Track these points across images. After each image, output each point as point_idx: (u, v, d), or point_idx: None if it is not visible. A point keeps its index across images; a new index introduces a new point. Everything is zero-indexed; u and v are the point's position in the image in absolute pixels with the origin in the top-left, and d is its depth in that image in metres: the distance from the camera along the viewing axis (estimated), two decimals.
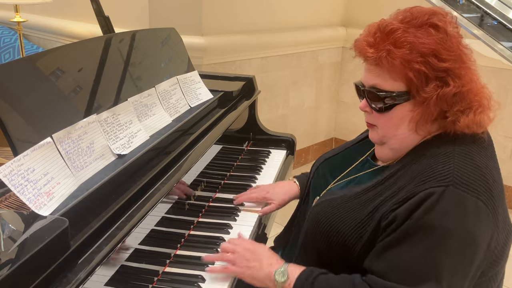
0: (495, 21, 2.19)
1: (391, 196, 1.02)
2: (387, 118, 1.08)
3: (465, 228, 0.95)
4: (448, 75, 1.01)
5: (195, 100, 1.70)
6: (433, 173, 0.99)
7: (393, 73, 1.03)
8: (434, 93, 1.01)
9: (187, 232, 1.39)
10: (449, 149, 1.03)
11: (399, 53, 1.01)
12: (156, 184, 1.19)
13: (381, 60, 1.03)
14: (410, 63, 1.00)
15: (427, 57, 1.00)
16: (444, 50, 1.01)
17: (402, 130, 1.08)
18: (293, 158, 2.04)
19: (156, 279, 1.18)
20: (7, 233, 0.89)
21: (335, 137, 4.08)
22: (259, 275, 1.13)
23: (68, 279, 0.84)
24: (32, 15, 3.33)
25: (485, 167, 1.02)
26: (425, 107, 1.03)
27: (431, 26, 1.03)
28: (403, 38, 1.01)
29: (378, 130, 1.12)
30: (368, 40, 1.06)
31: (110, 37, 1.53)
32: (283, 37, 3.27)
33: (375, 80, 1.07)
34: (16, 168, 0.93)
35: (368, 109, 1.11)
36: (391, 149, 1.12)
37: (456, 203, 0.95)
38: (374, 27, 1.07)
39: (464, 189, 0.96)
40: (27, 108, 1.08)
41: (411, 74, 1.01)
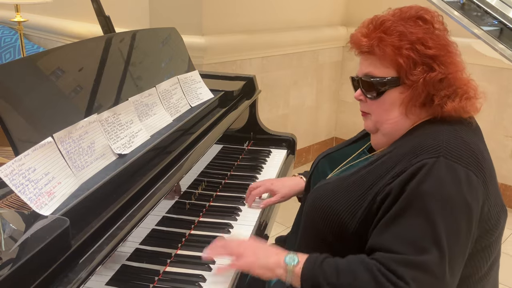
0: (495, 21, 2.18)
1: (385, 173, 1.07)
2: (379, 104, 1.16)
3: (459, 194, 0.99)
4: (434, 61, 1.09)
5: (196, 100, 1.70)
6: (424, 147, 1.05)
7: (384, 60, 1.12)
8: (421, 76, 1.09)
9: (188, 232, 1.39)
10: (439, 129, 1.10)
11: (389, 40, 1.10)
12: (157, 184, 1.19)
13: (373, 47, 1.12)
14: (400, 49, 1.09)
15: (415, 44, 1.09)
16: (430, 40, 1.10)
17: (394, 114, 1.14)
18: (293, 158, 2.04)
19: (157, 278, 1.18)
20: (8, 232, 0.89)
21: (336, 137, 4.08)
22: (268, 262, 1.10)
23: (69, 279, 0.84)
24: (32, 14, 3.33)
25: (473, 143, 1.08)
26: (414, 90, 1.10)
27: (419, 18, 1.13)
28: (393, 27, 1.12)
29: (371, 117, 1.19)
30: (362, 31, 1.17)
31: (111, 36, 1.53)
32: (283, 36, 3.27)
33: (368, 68, 1.16)
34: (17, 167, 0.93)
35: (362, 97, 1.19)
36: (384, 135, 1.19)
37: (448, 171, 1.00)
38: (368, 21, 1.18)
39: (454, 159, 1.02)
40: (28, 107, 1.08)
41: (400, 59, 1.09)
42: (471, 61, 1.17)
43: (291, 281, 1.09)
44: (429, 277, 0.96)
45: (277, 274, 1.10)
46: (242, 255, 1.13)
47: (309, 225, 1.19)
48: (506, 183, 3.26)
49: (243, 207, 1.53)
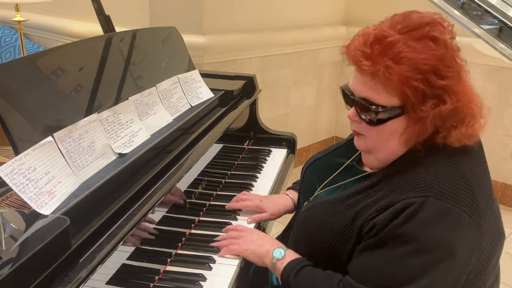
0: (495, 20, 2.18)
1: (372, 203, 1.02)
2: (377, 131, 1.04)
3: (442, 240, 0.93)
4: (446, 92, 0.98)
5: (196, 99, 1.70)
6: (415, 183, 0.98)
7: (388, 87, 0.99)
8: (431, 111, 0.98)
9: (188, 231, 1.39)
10: (434, 159, 1.01)
11: (398, 70, 0.96)
12: (157, 183, 1.19)
13: (377, 74, 0.98)
14: (409, 80, 0.96)
15: (427, 75, 0.96)
16: (443, 67, 0.98)
17: (392, 143, 1.05)
18: (294, 157, 2.04)
19: (157, 278, 1.18)
20: (8, 232, 0.90)
21: (336, 136, 4.08)
22: (260, 250, 1.20)
23: (69, 278, 0.84)
24: (32, 14, 3.33)
25: (471, 175, 1.00)
26: (421, 125, 0.99)
27: (431, 40, 0.98)
28: (403, 53, 0.96)
29: (366, 140, 1.08)
30: (365, 51, 0.99)
31: (111, 36, 1.53)
32: (283, 36, 3.27)
33: (368, 92, 1.02)
34: (17, 167, 0.93)
35: (357, 119, 1.07)
36: (378, 160, 1.10)
37: (435, 213, 0.94)
38: (372, 37, 1.00)
39: (445, 199, 0.95)
40: (28, 107, 1.08)
41: (408, 91, 0.97)
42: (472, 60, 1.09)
43: (275, 273, 1.17)
44: None
45: (265, 263, 1.19)
46: (238, 242, 1.25)
47: (301, 243, 1.17)
48: (506, 182, 3.26)
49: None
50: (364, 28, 1.06)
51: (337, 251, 1.07)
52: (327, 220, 1.09)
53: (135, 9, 3.00)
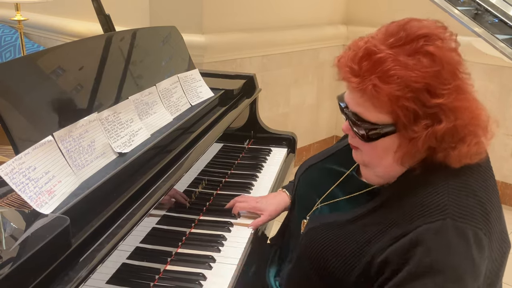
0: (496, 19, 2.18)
1: (384, 229, 0.95)
2: (371, 147, 0.99)
3: (469, 258, 0.87)
4: (441, 110, 0.91)
5: (196, 98, 1.70)
6: (428, 207, 0.91)
7: (378, 106, 0.93)
8: (423, 132, 0.91)
9: (188, 230, 1.39)
10: (442, 178, 0.95)
11: (386, 89, 0.90)
12: (157, 182, 1.19)
13: (365, 91, 0.92)
14: (399, 99, 0.90)
15: (419, 93, 0.89)
16: (438, 84, 0.90)
17: (387, 160, 0.99)
18: (294, 156, 2.04)
19: (157, 277, 1.18)
20: (8, 231, 0.90)
21: (336, 135, 4.08)
22: None
23: (70, 277, 0.84)
24: (32, 13, 3.33)
25: (481, 190, 0.95)
26: (412, 144, 0.93)
27: (425, 55, 0.90)
28: (392, 71, 0.89)
29: (362, 154, 1.04)
30: (353, 68, 0.94)
31: (111, 35, 1.53)
32: (284, 35, 3.27)
33: (358, 108, 0.97)
34: (17, 166, 0.93)
35: (351, 133, 1.02)
36: (377, 176, 1.04)
37: (456, 235, 0.88)
38: (361, 51, 0.94)
39: (462, 220, 0.89)
40: (28, 106, 1.08)
41: (399, 110, 0.91)
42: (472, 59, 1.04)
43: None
44: None
45: None
46: None
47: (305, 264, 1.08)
48: (507, 181, 3.26)
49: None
50: (356, 39, 1.00)
51: (341, 279, 0.99)
52: (331, 246, 1.02)
53: (135, 9, 3.00)
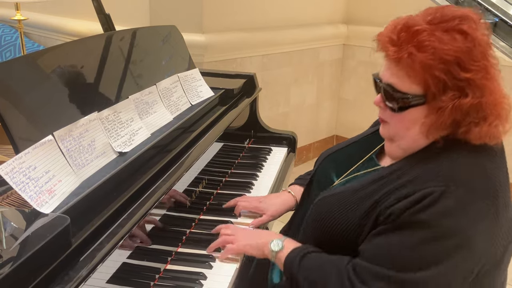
0: (496, 18, 2.18)
1: (390, 193, 1.02)
2: (399, 118, 1.06)
3: (462, 230, 0.94)
4: (469, 85, 0.98)
5: (196, 98, 1.70)
6: (436, 173, 0.98)
7: (411, 75, 1.00)
8: (450, 102, 0.98)
9: (189, 230, 1.39)
10: (456, 153, 1.02)
11: (421, 57, 0.97)
12: (158, 182, 1.19)
13: (401, 60, 1.00)
14: (431, 68, 0.97)
15: (450, 65, 0.96)
16: (468, 60, 0.97)
17: (413, 132, 1.05)
18: (294, 156, 2.04)
19: (157, 276, 1.18)
20: (9, 230, 0.90)
21: (336, 135, 4.08)
22: (258, 242, 1.21)
23: (70, 277, 0.84)
24: (32, 13, 3.32)
25: (492, 172, 1.01)
26: (439, 115, 1.00)
27: (459, 32, 0.98)
28: (427, 41, 0.97)
29: (389, 127, 1.10)
30: (391, 37, 1.02)
31: (111, 35, 1.53)
32: (284, 34, 3.26)
33: (392, 79, 1.04)
34: (17, 166, 0.93)
35: (382, 105, 1.09)
36: (400, 148, 1.10)
37: (455, 203, 0.94)
38: (400, 24, 1.02)
39: (467, 190, 0.95)
40: (28, 106, 1.08)
41: (430, 80, 0.98)
42: None
43: (277, 264, 1.18)
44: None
45: (265, 255, 1.20)
46: (235, 241, 1.25)
47: (312, 234, 1.17)
48: None
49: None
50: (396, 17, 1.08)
51: (351, 241, 1.06)
52: (342, 211, 1.08)
53: (135, 8, 3.00)
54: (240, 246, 1.24)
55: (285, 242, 1.17)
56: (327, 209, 1.13)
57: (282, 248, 1.15)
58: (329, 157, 1.35)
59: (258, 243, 1.21)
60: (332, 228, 1.10)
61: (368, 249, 1.02)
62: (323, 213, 1.13)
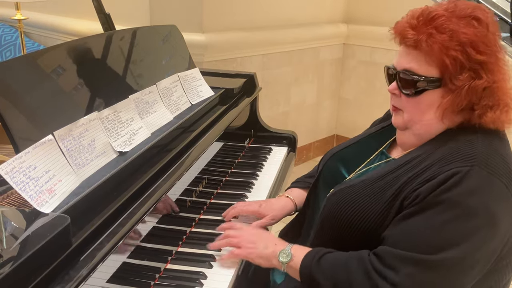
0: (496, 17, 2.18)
1: (413, 177, 1.03)
2: (415, 103, 1.09)
3: (487, 207, 0.96)
4: (482, 68, 1.03)
5: (196, 97, 1.70)
6: (458, 154, 1.01)
7: (429, 57, 1.05)
8: (467, 82, 1.02)
9: (189, 229, 1.39)
10: (473, 136, 1.05)
11: (439, 38, 1.03)
12: (158, 181, 1.19)
13: (420, 42, 1.04)
14: (448, 49, 1.02)
15: (465, 47, 1.02)
16: (482, 44, 1.03)
17: (429, 116, 1.09)
18: (294, 155, 2.04)
19: (158, 276, 1.18)
20: (9, 230, 0.90)
21: (337, 134, 4.08)
22: (265, 253, 1.17)
23: (70, 276, 0.84)
24: (33, 12, 3.32)
25: (507, 155, 1.05)
26: (456, 96, 1.04)
27: (474, 19, 1.05)
28: (445, 24, 1.04)
29: (404, 114, 1.13)
30: (411, 22, 1.08)
31: (111, 34, 1.53)
32: (284, 34, 3.26)
33: (410, 63, 1.08)
34: (17, 165, 0.93)
35: (397, 92, 1.12)
36: (414, 135, 1.13)
37: (480, 182, 0.97)
38: (418, 12, 1.09)
39: (489, 170, 0.98)
40: (29, 105, 1.08)
41: (447, 60, 1.02)
42: None
43: (289, 273, 1.15)
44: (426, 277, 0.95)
45: (274, 265, 1.17)
46: (241, 246, 1.21)
47: (329, 227, 1.15)
48: None
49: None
50: None
51: (373, 231, 1.06)
52: (364, 201, 1.08)
53: (135, 8, 3.00)
54: (246, 252, 1.20)
55: (293, 250, 1.15)
56: (345, 199, 1.12)
57: (291, 258, 1.13)
58: (336, 155, 1.35)
59: (265, 253, 1.17)
60: (352, 218, 1.09)
61: (393, 235, 1.02)
62: (341, 204, 1.12)
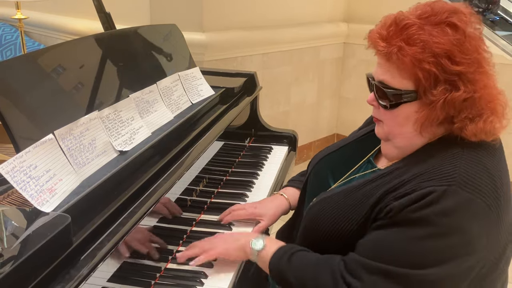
0: (497, 16, 2.18)
1: (391, 191, 1.00)
2: (392, 116, 1.05)
3: (460, 227, 0.92)
4: (460, 79, 0.97)
5: (197, 97, 1.70)
6: (438, 172, 0.97)
7: (402, 70, 0.99)
8: (442, 96, 0.97)
9: (189, 229, 1.39)
10: (457, 150, 1.00)
11: (410, 51, 0.97)
12: (158, 181, 1.19)
13: (391, 55, 0.99)
14: (421, 62, 0.96)
15: (440, 58, 0.96)
16: (459, 53, 0.96)
17: (407, 129, 1.04)
18: (295, 154, 2.04)
19: (158, 275, 1.18)
20: (9, 229, 0.90)
21: (337, 133, 4.08)
22: (238, 243, 1.18)
23: (71, 276, 0.84)
24: (33, 12, 3.33)
25: (493, 169, 0.99)
26: (431, 110, 0.99)
27: (448, 25, 0.97)
28: (416, 35, 0.97)
29: (384, 126, 1.09)
30: (381, 33, 1.02)
31: (111, 33, 1.53)
32: (284, 33, 3.26)
33: (384, 75, 1.03)
34: (18, 164, 0.93)
35: (375, 104, 1.08)
36: (396, 147, 1.10)
37: (457, 203, 0.93)
38: (390, 19, 1.03)
39: (468, 190, 0.94)
40: (29, 105, 1.08)
41: (420, 74, 0.97)
42: None
43: (259, 264, 1.15)
44: None
45: (247, 253, 1.16)
46: (213, 247, 1.20)
47: (310, 236, 1.14)
48: None
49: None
50: None
51: (352, 243, 1.04)
52: (342, 213, 1.06)
53: (136, 7, 3.00)
54: (219, 250, 1.18)
55: (266, 240, 1.14)
56: (324, 211, 1.11)
57: (264, 247, 1.12)
58: (324, 159, 1.33)
59: (238, 244, 1.17)
60: (330, 230, 1.08)
61: (362, 243, 1.00)
62: (319, 215, 1.11)
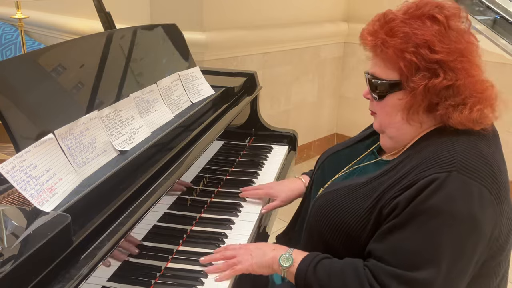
0: (497, 16, 2.18)
1: (393, 184, 1.02)
2: (382, 106, 1.11)
3: (470, 213, 0.94)
4: (440, 67, 1.01)
5: (197, 96, 1.70)
6: (437, 159, 0.99)
7: (387, 62, 1.06)
8: (421, 83, 1.01)
9: (190, 228, 1.39)
10: (453, 139, 1.03)
11: (392, 42, 1.03)
12: (158, 180, 1.19)
13: (376, 48, 1.06)
14: (402, 52, 1.02)
15: (419, 48, 1.01)
16: (438, 42, 1.01)
17: (396, 118, 1.10)
18: (295, 154, 2.04)
19: (158, 274, 1.18)
20: (10, 229, 0.90)
21: (337, 133, 4.08)
22: (265, 259, 1.15)
23: (71, 275, 0.84)
24: (33, 11, 3.33)
25: (490, 156, 1.01)
26: (413, 97, 1.04)
27: (429, 18, 1.03)
28: (397, 27, 1.04)
29: (377, 118, 1.15)
30: (369, 28, 1.10)
31: (112, 33, 1.53)
32: (284, 32, 3.26)
33: (373, 68, 1.11)
34: (18, 164, 0.93)
35: (369, 96, 1.15)
36: (389, 138, 1.15)
37: (460, 188, 0.95)
38: (377, 16, 1.10)
39: (468, 175, 0.96)
40: (29, 104, 1.08)
41: (402, 63, 1.03)
42: None
43: (287, 278, 1.14)
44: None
45: (275, 270, 1.15)
46: (239, 262, 1.17)
47: (315, 232, 1.16)
48: None
49: (245, 203, 1.53)
50: None
51: (356, 236, 1.06)
52: (347, 205, 1.09)
53: (136, 6, 3.00)
54: (246, 266, 1.16)
55: (293, 254, 1.13)
56: (329, 203, 1.12)
57: (292, 263, 1.12)
58: (332, 155, 1.36)
59: (265, 260, 1.15)
60: (334, 222, 1.09)
61: (383, 251, 1.00)
62: (325, 207, 1.13)
